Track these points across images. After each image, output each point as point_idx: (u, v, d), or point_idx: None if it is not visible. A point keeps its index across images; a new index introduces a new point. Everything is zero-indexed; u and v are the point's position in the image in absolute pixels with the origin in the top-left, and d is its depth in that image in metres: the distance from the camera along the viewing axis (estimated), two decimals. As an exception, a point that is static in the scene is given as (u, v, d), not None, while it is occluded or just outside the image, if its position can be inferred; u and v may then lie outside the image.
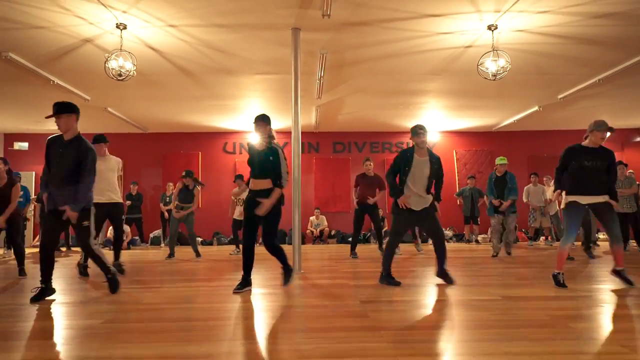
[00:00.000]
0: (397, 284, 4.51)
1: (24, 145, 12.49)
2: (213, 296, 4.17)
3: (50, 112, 4.08)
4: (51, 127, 11.77)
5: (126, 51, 5.60)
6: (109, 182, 5.62)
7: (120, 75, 5.62)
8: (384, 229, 11.75)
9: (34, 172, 12.35)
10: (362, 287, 4.52)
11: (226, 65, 7.30)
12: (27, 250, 10.34)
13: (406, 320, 3.11)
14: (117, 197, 5.65)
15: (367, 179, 7.84)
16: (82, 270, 5.50)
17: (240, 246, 9.08)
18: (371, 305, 3.63)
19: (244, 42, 6.41)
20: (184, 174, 8.02)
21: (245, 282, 4.30)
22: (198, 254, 8.06)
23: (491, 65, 5.77)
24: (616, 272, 4.34)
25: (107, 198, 5.52)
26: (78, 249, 6.70)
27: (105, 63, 5.60)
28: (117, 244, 5.83)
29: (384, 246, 7.19)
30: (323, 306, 3.63)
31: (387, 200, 12.24)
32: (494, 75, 5.76)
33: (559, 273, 4.27)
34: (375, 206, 7.73)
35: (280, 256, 4.41)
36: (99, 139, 5.75)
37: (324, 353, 2.38)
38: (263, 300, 3.96)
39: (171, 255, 7.79)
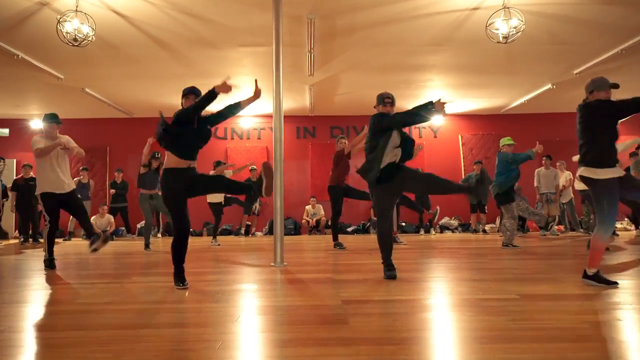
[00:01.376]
0: (394, 275, 3.85)
1: (5, 131, 11.83)
2: (163, 292, 3.47)
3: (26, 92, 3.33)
4: (31, 111, 11.18)
5: (82, 12, 4.87)
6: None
7: (75, 40, 4.90)
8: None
9: (14, 160, 11.70)
10: (347, 283, 3.80)
11: (204, 35, 6.55)
12: (5, 243, 9.75)
13: (395, 330, 2.38)
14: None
15: (345, 158, 7.12)
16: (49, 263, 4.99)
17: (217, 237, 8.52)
18: (354, 306, 2.91)
19: (220, 6, 5.65)
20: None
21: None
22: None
23: (502, 26, 4.98)
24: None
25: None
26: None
27: (57, 25, 4.86)
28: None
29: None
30: (295, 308, 2.92)
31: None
32: (505, 37, 4.99)
33: (597, 272, 3.42)
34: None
35: None
36: (51, 117, 5.03)
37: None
38: (222, 300, 3.25)
39: (147, 246, 7.11)
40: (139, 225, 11.12)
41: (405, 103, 10.71)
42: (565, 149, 11.54)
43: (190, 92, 4.00)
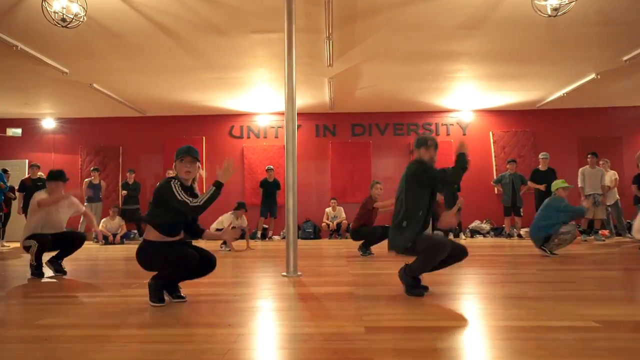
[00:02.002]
0: (422, 293, 3.18)
1: (18, 131, 11.50)
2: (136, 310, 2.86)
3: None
4: (43, 110, 10.84)
5: (70, -11, 4.34)
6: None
7: (64, 20, 4.37)
8: None
9: (26, 160, 11.40)
10: (371, 301, 3.13)
11: (212, 20, 5.97)
12: (13, 245, 9.35)
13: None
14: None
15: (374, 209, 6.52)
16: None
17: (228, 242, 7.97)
18: (380, 337, 2.24)
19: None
20: None
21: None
22: None
23: (552, -3, 4.24)
24: None
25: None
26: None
27: (42, 3, 4.34)
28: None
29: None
30: (304, 337, 2.27)
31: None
32: (555, 10, 4.24)
33: None
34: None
35: None
36: (56, 175, 4.76)
37: None
38: (217, 323, 2.63)
39: None
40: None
41: (433, 97, 9.99)
42: (607, 147, 10.60)
43: (186, 153, 3.20)
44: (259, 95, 9.80)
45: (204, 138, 11.36)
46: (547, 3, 4.33)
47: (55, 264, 4.77)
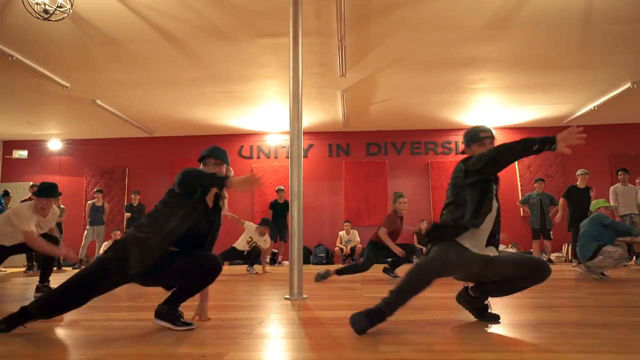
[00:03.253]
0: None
1: (24, 153, 11.27)
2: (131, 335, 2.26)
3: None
4: (48, 131, 10.55)
5: (54, -22, 3.95)
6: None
7: (46, 12, 3.96)
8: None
9: (31, 182, 11.05)
10: (390, 325, 2.49)
11: (216, 23, 5.56)
12: (10, 271, 8.84)
13: None
14: None
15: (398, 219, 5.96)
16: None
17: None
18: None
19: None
20: None
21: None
22: None
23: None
24: None
25: None
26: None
27: (22, -7, 3.96)
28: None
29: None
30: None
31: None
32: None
33: None
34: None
35: None
36: (47, 189, 4.22)
37: None
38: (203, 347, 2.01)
39: None
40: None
41: (452, 113, 9.43)
42: (639, 165, 9.87)
43: (209, 154, 2.83)
44: (269, 112, 9.36)
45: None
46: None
47: (44, 289, 4.26)
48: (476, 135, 2.68)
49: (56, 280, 3.99)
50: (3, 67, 6.58)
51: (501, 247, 9.60)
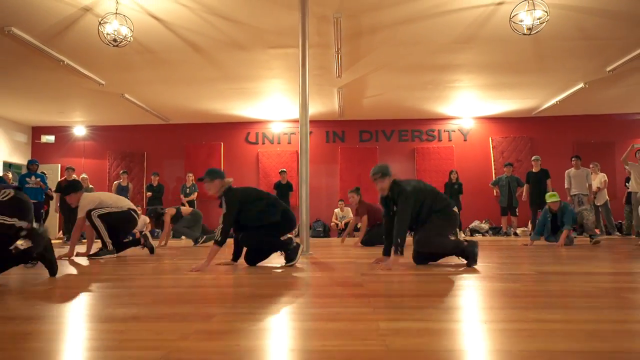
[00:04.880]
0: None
1: (51, 138, 12.53)
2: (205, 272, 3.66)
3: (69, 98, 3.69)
4: (75, 118, 11.82)
5: (121, 14, 5.21)
6: None
7: (115, 40, 5.24)
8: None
9: (59, 165, 12.36)
10: (364, 266, 3.89)
11: (235, 37, 6.84)
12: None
13: (417, 290, 2.47)
14: None
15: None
16: None
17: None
18: (370, 277, 3.00)
19: (248, 7, 5.91)
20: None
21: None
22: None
23: (526, 18, 5.02)
24: None
25: None
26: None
27: (98, 27, 5.23)
28: None
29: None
30: (317, 277, 3.04)
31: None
32: (529, 29, 5.01)
33: None
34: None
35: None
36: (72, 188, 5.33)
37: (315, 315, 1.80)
38: (255, 272, 3.41)
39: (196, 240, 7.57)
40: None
41: (435, 106, 10.77)
42: (599, 151, 11.27)
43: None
44: (273, 104, 10.65)
45: (222, 144, 12.24)
46: (522, 23, 5.10)
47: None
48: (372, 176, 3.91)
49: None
50: (53, 69, 7.83)
51: (475, 223, 11.08)
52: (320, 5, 5.82)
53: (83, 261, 4.63)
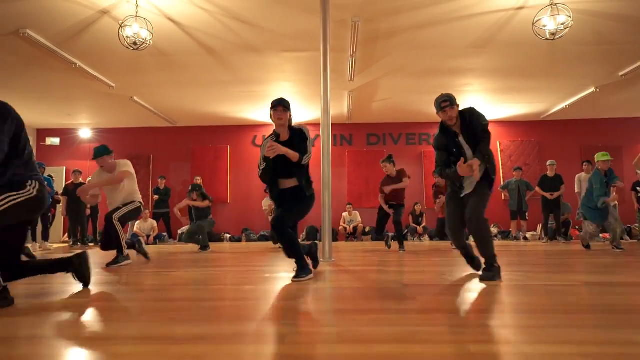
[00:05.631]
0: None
1: (56, 140, 12.43)
2: (235, 279, 3.60)
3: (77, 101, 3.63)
4: (81, 121, 11.73)
5: (142, 17, 5.16)
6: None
7: (135, 44, 5.19)
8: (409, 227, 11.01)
9: (64, 167, 12.26)
10: (403, 274, 3.84)
11: (251, 41, 6.79)
12: (56, 246, 10.24)
13: (463, 304, 2.42)
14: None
15: (391, 179, 7.09)
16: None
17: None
18: (416, 288, 2.95)
19: (268, 11, 5.87)
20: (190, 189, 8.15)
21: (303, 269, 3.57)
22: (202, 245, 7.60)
23: (549, 23, 4.99)
24: None
25: None
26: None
27: (119, 30, 5.17)
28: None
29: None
30: (357, 289, 2.99)
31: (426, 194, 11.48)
32: (553, 34, 4.98)
33: None
34: (399, 204, 6.99)
35: (291, 246, 3.53)
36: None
37: (359, 337, 1.74)
38: (285, 283, 3.35)
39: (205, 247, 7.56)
40: (180, 231, 11.43)
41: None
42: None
43: (279, 103, 3.73)
44: (282, 107, 10.59)
45: (228, 147, 12.18)
46: (545, 28, 5.07)
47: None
48: (438, 106, 3.56)
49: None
50: (64, 71, 7.76)
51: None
52: (340, 9, 5.79)
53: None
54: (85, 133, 12.33)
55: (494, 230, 11.12)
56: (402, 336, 1.70)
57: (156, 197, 11.28)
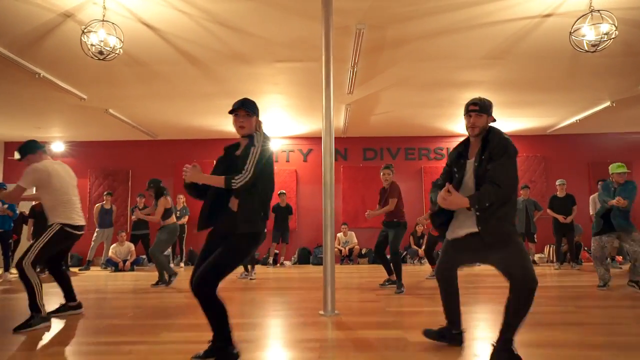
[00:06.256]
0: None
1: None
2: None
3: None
4: (53, 134, 10.76)
5: (108, 22, 4.31)
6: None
7: (101, 53, 4.34)
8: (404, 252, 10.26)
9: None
10: (441, 351, 3.04)
11: (239, 50, 5.99)
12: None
13: None
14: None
15: (384, 192, 6.29)
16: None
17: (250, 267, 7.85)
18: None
19: (259, 16, 5.08)
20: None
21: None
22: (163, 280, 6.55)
23: (589, 32, 4.28)
24: None
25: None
26: None
27: (81, 37, 4.32)
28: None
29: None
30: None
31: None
32: (594, 45, 4.27)
33: None
34: (395, 223, 6.07)
35: (217, 319, 2.57)
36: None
37: None
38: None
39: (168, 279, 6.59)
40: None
41: (446, 123, 10.04)
42: (617, 172, 10.69)
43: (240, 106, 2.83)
44: (272, 119, 9.80)
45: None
46: (584, 39, 4.36)
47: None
48: (465, 108, 2.84)
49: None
50: (29, 82, 6.87)
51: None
52: (343, 15, 5.02)
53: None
54: (57, 147, 11.37)
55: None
56: None
57: (134, 217, 10.34)
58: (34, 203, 9.67)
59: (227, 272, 2.56)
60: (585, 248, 10.24)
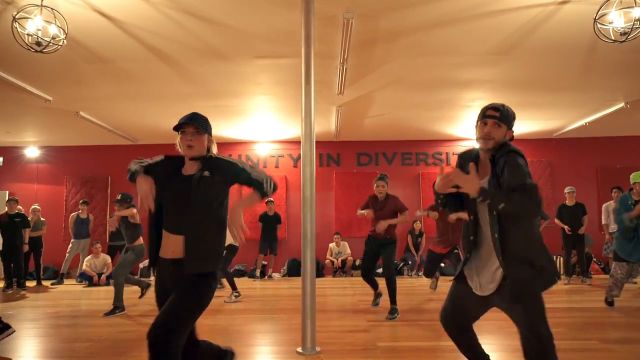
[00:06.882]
0: None
1: (-2, 160, 10.75)
2: None
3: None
4: (26, 138, 10.05)
5: (48, 7, 3.63)
6: None
7: (38, 44, 3.66)
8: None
9: (7, 192, 10.54)
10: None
11: (215, 45, 5.31)
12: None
13: None
14: None
15: (377, 202, 5.51)
16: None
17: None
18: None
19: (233, 4, 4.41)
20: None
21: None
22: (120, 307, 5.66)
23: (618, 20, 3.62)
24: None
25: None
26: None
27: (12, 23, 3.63)
28: None
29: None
30: None
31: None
32: (624, 34, 3.60)
33: None
34: (390, 240, 5.34)
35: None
36: None
37: None
38: None
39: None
40: (141, 266, 9.81)
41: (445, 126, 9.38)
42: (626, 177, 10.00)
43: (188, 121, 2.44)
44: (259, 123, 9.13)
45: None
46: (611, 26, 3.70)
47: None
48: (481, 113, 2.22)
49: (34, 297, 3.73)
50: (-19, 82, 6.18)
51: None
52: (328, 2, 4.35)
53: None
54: (32, 152, 10.66)
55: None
56: None
57: (112, 220, 9.64)
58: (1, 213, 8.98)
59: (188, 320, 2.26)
60: (595, 259, 9.58)
